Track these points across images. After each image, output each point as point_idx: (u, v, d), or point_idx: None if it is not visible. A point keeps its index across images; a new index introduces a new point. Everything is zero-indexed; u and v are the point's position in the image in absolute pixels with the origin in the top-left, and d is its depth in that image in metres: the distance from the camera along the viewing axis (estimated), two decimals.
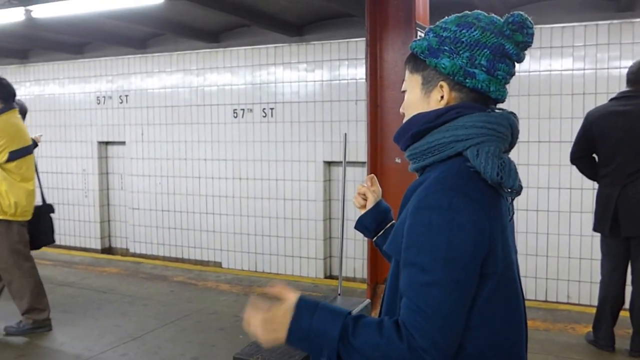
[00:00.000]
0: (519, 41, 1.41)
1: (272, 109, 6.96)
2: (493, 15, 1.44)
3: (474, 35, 1.39)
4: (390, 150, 4.16)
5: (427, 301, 1.24)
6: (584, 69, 5.52)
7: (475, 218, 1.27)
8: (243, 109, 7.14)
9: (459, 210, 1.27)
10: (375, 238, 1.84)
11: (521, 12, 1.41)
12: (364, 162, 5.06)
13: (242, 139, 7.15)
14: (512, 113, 1.46)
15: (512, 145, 1.47)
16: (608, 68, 5.43)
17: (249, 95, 7.09)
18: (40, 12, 5.64)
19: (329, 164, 6.79)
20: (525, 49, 1.44)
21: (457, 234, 1.25)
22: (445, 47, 1.40)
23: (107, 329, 4.96)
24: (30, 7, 5.53)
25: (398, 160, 4.09)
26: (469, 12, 1.45)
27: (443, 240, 1.25)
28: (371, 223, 1.82)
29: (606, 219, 4.10)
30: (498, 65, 1.39)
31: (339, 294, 2.08)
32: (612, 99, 4.23)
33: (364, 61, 6.32)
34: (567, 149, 5.49)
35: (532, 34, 1.42)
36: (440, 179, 1.33)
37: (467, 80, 1.39)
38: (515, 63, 1.45)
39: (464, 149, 1.35)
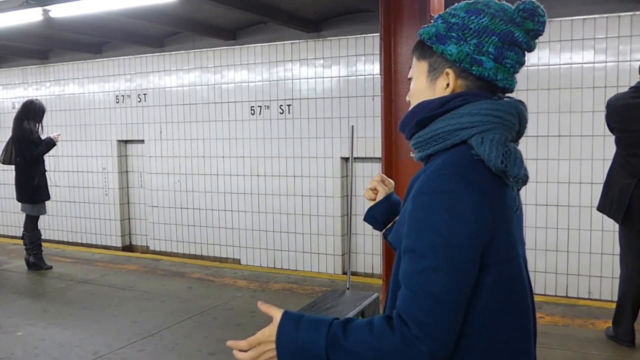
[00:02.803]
0: (529, 29, 1.38)
1: (289, 105, 6.95)
2: (504, 2, 1.41)
3: (482, 22, 1.36)
4: (405, 145, 4.11)
5: (424, 287, 1.20)
6: (606, 62, 5.40)
7: (477, 205, 1.24)
8: (260, 106, 7.14)
9: (461, 196, 1.24)
10: (384, 230, 1.81)
11: (533, 0, 1.38)
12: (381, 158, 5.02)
13: (259, 136, 7.15)
14: (520, 101, 1.42)
15: (520, 134, 1.43)
16: (630, 61, 5.31)
17: (266, 92, 7.08)
18: (57, 11, 5.70)
19: (346, 160, 6.75)
20: (536, 38, 1.41)
21: (457, 219, 1.22)
22: (453, 34, 1.38)
23: (125, 325, 4.99)
24: (47, 7, 5.58)
25: (413, 155, 4.02)
26: None
27: (443, 225, 1.22)
28: (381, 215, 1.80)
29: (621, 209, 4.05)
30: (506, 53, 1.36)
31: (348, 288, 2.05)
32: (631, 87, 4.13)
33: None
34: (588, 143, 5.44)
35: (544, 22, 1.39)
36: (442, 165, 1.31)
37: (473, 68, 1.36)
38: (526, 52, 1.41)
39: (469, 137, 1.32)
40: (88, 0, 5.45)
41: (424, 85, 1.45)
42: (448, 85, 1.39)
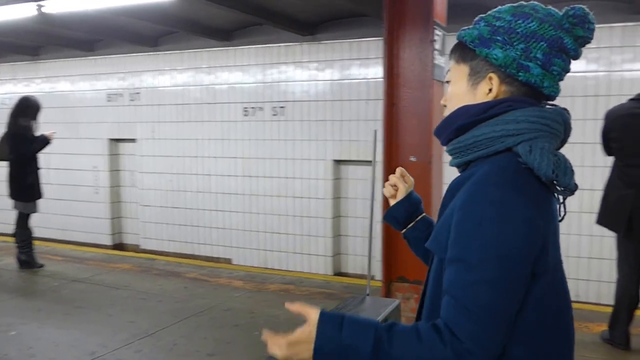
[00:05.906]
0: (578, 36, 1.34)
1: (282, 107, 6.98)
2: (550, 7, 1.37)
3: (530, 27, 1.31)
4: (405, 149, 4.16)
5: (474, 301, 1.16)
6: (597, 72, 5.51)
7: (528, 214, 1.21)
8: (253, 107, 7.16)
9: (512, 206, 1.20)
10: (404, 230, 1.76)
11: (583, 6, 1.35)
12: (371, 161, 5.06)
13: (252, 137, 7.17)
14: (565, 109, 1.39)
15: (563, 142, 1.38)
16: (622, 71, 5.43)
17: (259, 94, 7.11)
18: (51, 7, 5.65)
19: (338, 162, 6.81)
20: (584, 45, 1.36)
21: (509, 230, 1.18)
22: (498, 37, 1.33)
23: (121, 325, 4.95)
24: (41, 2, 5.54)
25: (413, 159, 4.09)
26: (525, 3, 1.38)
27: (494, 236, 1.18)
28: (402, 214, 1.74)
29: (621, 221, 4.08)
30: (554, 60, 1.32)
31: (368, 294, 2.06)
32: (631, 99, 4.20)
33: (375, 61, 6.35)
34: (579, 150, 5.54)
35: (593, 30, 1.34)
36: (491, 173, 1.26)
37: (520, 74, 1.31)
38: (572, 60, 1.37)
39: (515, 145, 1.28)
40: None
41: (464, 89, 1.40)
42: (490, 90, 1.35)
